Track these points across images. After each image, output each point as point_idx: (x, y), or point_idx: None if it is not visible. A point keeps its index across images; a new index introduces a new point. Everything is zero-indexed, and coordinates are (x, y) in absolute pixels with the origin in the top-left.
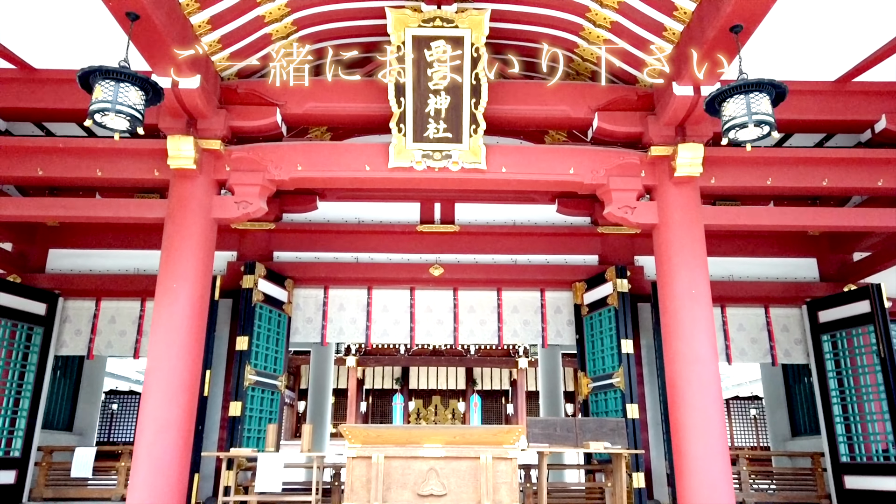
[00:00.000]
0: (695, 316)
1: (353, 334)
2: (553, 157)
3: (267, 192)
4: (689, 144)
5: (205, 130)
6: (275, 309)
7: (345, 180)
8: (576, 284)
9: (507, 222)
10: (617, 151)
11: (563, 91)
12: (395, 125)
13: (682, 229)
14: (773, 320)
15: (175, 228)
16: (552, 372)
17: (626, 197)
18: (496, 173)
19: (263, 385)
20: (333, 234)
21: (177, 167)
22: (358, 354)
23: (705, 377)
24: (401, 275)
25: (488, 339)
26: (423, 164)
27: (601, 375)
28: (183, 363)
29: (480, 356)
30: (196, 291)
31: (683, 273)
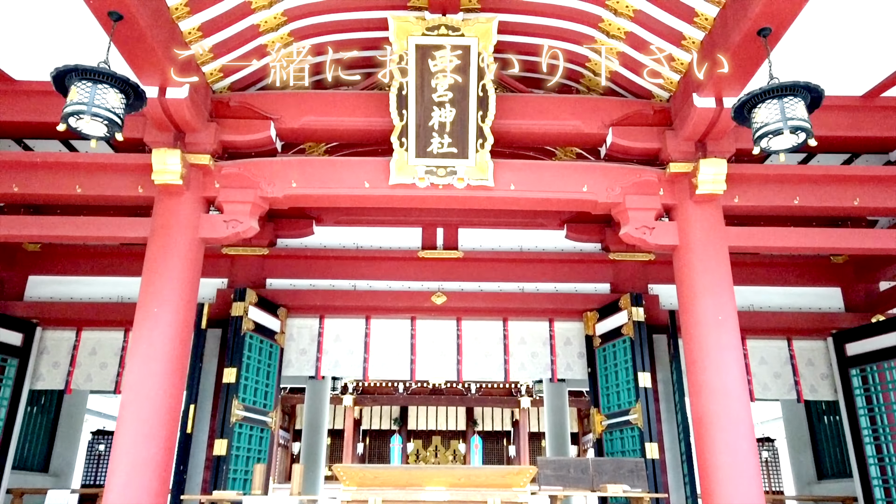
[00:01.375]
0: (722, 344)
1: (349, 367)
2: (565, 173)
3: (259, 210)
4: (712, 160)
5: (193, 145)
6: (266, 339)
7: (342, 198)
8: (587, 314)
9: (514, 248)
10: (633, 168)
11: (575, 105)
12: (397, 139)
13: (705, 251)
14: (796, 353)
15: (158, 248)
16: (559, 410)
17: (643, 216)
18: (504, 191)
19: (252, 421)
20: (330, 260)
21: (162, 182)
22: (355, 393)
23: (736, 412)
24: (401, 303)
25: (493, 373)
26: (426, 181)
27: (616, 412)
28: (162, 396)
29: (482, 395)
30: (179, 317)
31: (708, 298)
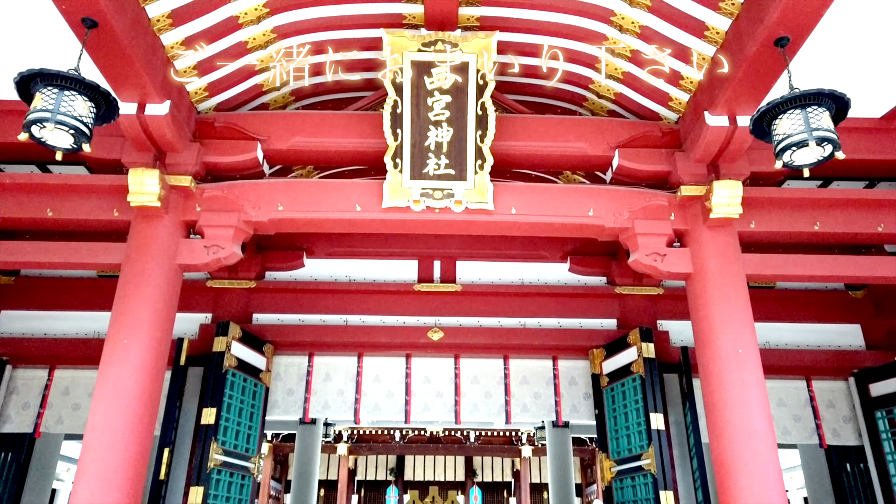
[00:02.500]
0: (743, 381)
1: (339, 409)
2: (570, 197)
3: (242, 235)
4: (726, 181)
5: (174, 166)
6: (250, 377)
7: (332, 222)
8: (593, 351)
9: (515, 282)
10: (642, 192)
11: (580, 126)
12: (391, 160)
13: (722, 279)
14: (816, 395)
15: (132, 274)
16: (562, 459)
17: (653, 242)
18: (505, 215)
19: (232, 467)
20: (321, 293)
21: (138, 204)
22: (349, 441)
23: (762, 456)
24: (395, 339)
25: (494, 415)
26: (421, 204)
27: (626, 457)
28: (129, 438)
29: (481, 443)
30: (152, 350)
31: (727, 331)
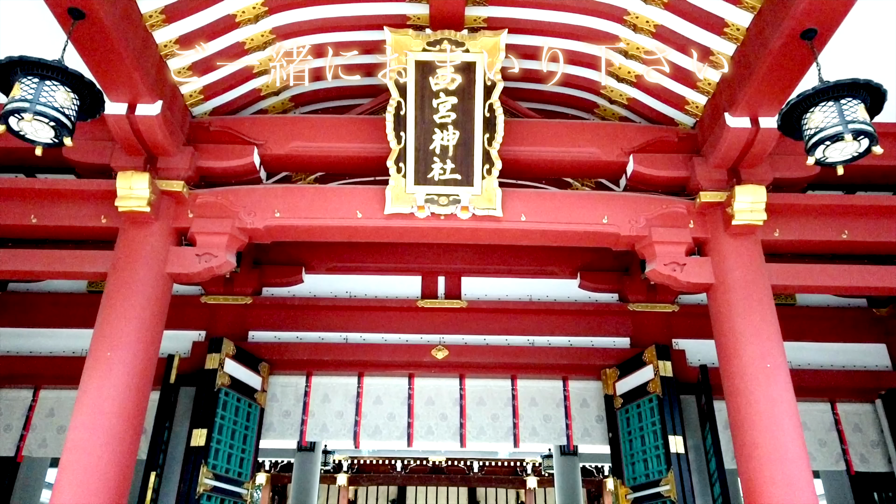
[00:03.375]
0: (773, 398)
1: (338, 432)
2: (582, 203)
3: (237, 243)
4: (749, 186)
5: (166, 170)
6: (244, 397)
7: (332, 230)
8: (605, 371)
9: (523, 298)
10: (658, 198)
11: (592, 131)
12: (394, 164)
13: (746, 290)
14: (842, 418)
15: (118, 283)
16: (571, 490)
17: (672, 251)
18: (514, 222)
19: (224, 493)
20: (320, 310)
21: (127, 210)
22: (350, 471)
23: (795, 480)
24: (397, 358)
25: (501, 438)
26: (426, 211)
27: (643, 483)
28: (109, 459)
29: (485, 474)
30: (137, 364)
31: (753, 344)
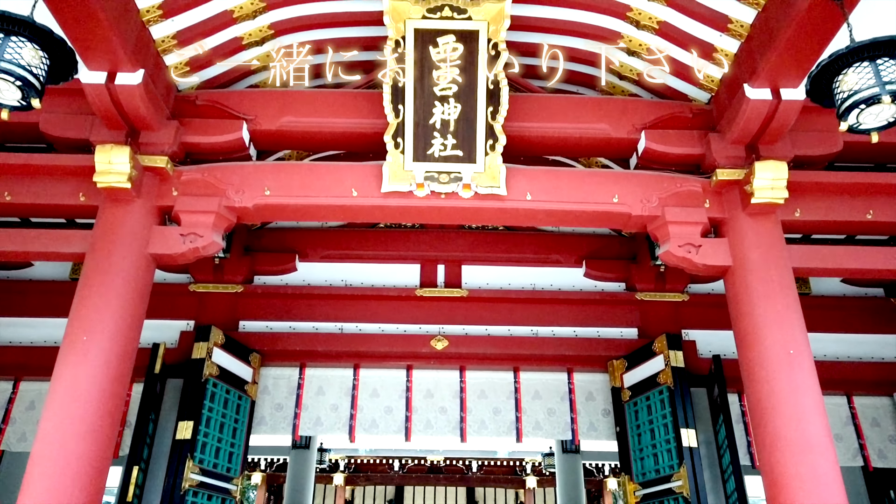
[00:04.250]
0: (797, 385)
1: (333, 426)
2: (592, 181)
3: (224, 222)
4: (770, 162)
5: (149, 145)
6: (234, 389)
7: (325, 209)
8: (612, 362)
9: (526, 287)
10: (672, 177)
11: (602, 106)
12: (391, 139)
13: (766, 272)
14: (858, 412)
15: (96, 264)
16: (573, 487)
17: (687, 232)
18: (519, 201)
19: (211, 489)
20: (314, 299)
21: (106, 186)
22: (346, 471)
23: (822, 472)
24: (395, 348)
25: (503, 433)
26: (425, 189)
27: (653, 479)
28: (84, 450)
29: (484, 473)
30: (116, 350)
31: (774, 330)
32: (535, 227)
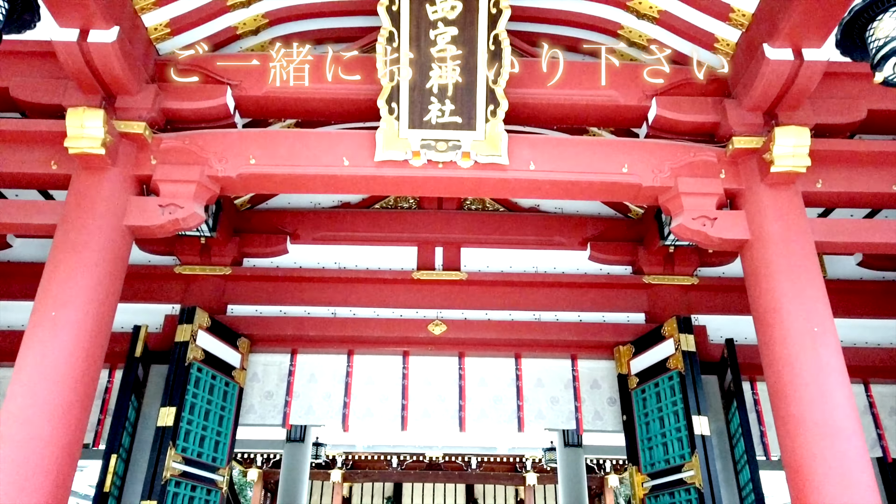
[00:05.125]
0: (822, 365)
1: (325, 414)
2: (600, 150)
3: (206, 193)
4: (791, 128)
5: (126, 110)
6: (221, 375)
7: (314, 179)
8: (619, 348)
9: (528, 270)
10: (685, 146)
11: (611, 72)
12: (386, 104)
13: (787, 245)
14: (876, 400)
15: (68, 235)
16: (575, 482)
17: (701, 204)
18: (522, 171)
19: (195, 479)
20: (306, 282)
21: (79, 152)
22: (344, 467)
23: (849, 457)
24: (391, 333)
25: (504, 421)
26: (422, 158)
27: (663, 469)
28: (50, 433)
29: (483, 470)
30: (88, 326)
31: (797, 305)
32: (537, 209)
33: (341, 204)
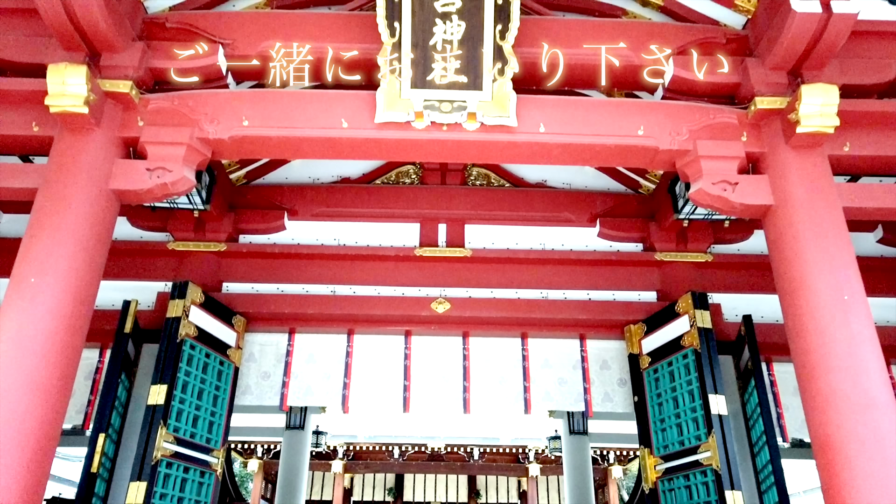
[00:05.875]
0: (853, 334)
1: (324, 395)
2: (614, 112)
3: (197, 157)
4: (819, 86)
5: (112, 69)
6: (215, 353)
7: (311, 142)
8: (630, 328)
9: (535, 247)
10: (704, 107)
11: (624, 30)
12: (387, 62)
13: (814, 211)
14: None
15: (50, 199)
16: (580, 470)
17: (722, 168)
18: (531, 134)
19: (188, 461)
20: (304, 259)
21: (61, 111)
22: (345, 458)
23: (884, 431)
24: (393, 311)
25: (511, 403)
26: (425, 119)
27: (677, 451)
28: (27, 407)
29: (486, 461)
30: (70, 294)
31: (825, 273)
32: (545, 184)
33: (341, 179)
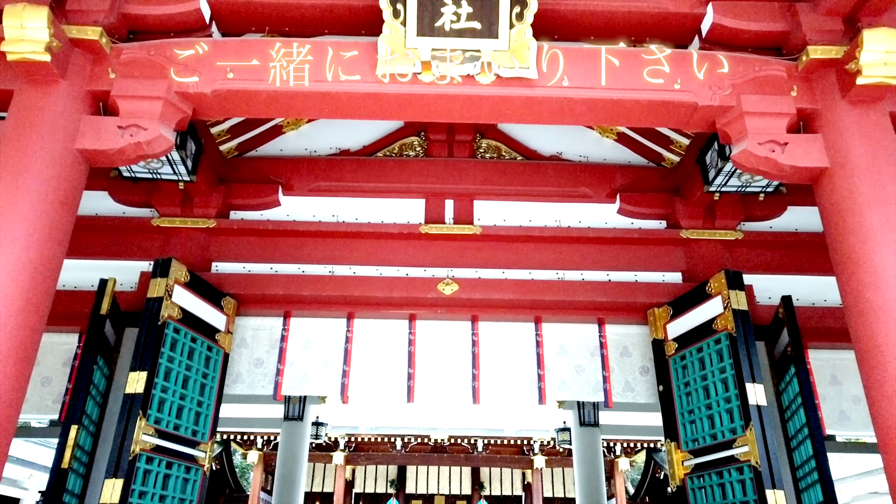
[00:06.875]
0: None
1: (322, 384)
2: (647, 64)
3: (175, 113)
4: (882, 30)
5: (79, 14)
6: (202, 338)
7: (305, 97)
8: (654, 311)
9: (549, 224)
10: (749, 58)
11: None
12: (389, 6)
13: (877, 174)
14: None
15: (7, 160)
16: (591, 464)
17: (769, 126)
18: (553, 88)
19: (171, 455)
20: (300, 237)
21: (19, 58)
22: (347, 449)
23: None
24: (396, 293)
25: (524, 393)
26: (433, 72)
27: (708, 445)
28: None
29: (489, 453)
30: (27, 266)
31: (892, 243)
32: (559, 157)
33: (339, 151)
